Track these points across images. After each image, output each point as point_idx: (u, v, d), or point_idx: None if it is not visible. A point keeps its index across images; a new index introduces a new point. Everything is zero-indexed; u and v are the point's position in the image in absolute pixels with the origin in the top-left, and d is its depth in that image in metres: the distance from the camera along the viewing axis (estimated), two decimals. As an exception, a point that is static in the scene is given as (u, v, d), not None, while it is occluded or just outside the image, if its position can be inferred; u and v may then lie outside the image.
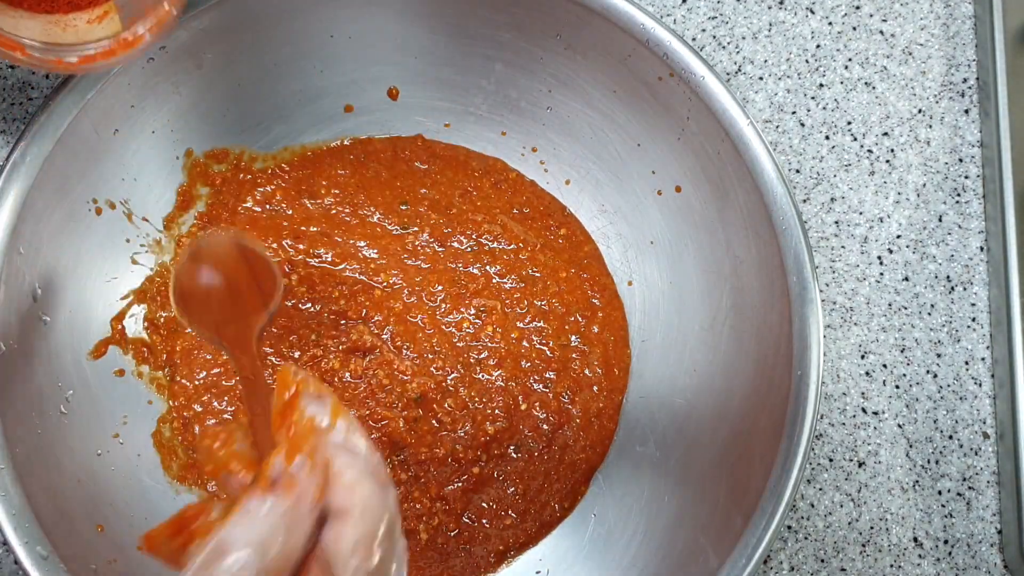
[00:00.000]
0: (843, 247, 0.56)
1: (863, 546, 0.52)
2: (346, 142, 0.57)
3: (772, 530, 0.43)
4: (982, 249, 0.56)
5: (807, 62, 0.58)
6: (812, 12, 0.59)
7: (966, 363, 0.55)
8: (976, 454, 0.54)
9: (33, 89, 0.53)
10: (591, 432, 0.54)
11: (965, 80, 0.58)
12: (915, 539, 0.52)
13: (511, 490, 0.52)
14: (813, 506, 0.53)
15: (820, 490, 0.53)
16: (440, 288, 0.54)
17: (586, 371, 0.55)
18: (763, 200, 0.47)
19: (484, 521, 0.52)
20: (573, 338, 0.55)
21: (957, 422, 0.54)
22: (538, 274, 0.56)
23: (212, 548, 0.29)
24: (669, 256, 0.55)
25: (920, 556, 0.52)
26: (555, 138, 0.57)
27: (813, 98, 0.58)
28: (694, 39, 0.58)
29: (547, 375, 0.54)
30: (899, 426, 0.54)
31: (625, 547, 0.51)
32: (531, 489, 0.52)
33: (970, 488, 0.53)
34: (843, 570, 0.52)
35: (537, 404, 0.53)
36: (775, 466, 0.44)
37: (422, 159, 0.57)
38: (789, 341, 0.46)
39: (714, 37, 0.58)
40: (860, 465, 0.53)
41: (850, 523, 0.52)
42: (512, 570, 0.52)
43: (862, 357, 0.55)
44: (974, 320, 0.55)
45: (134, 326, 0.52)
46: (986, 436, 0.54)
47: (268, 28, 0.51)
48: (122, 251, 0.52)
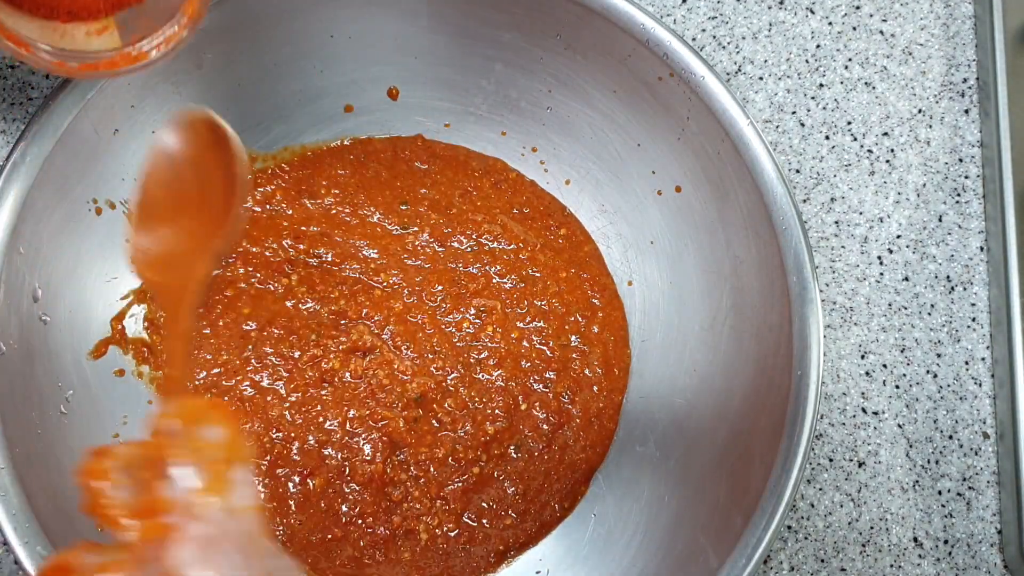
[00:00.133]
0: (843, 247, 0.56)
1: (863, 546, 0.52)
2: (346, 142, 0.57)
3: (772, 530, 0.43)
4: (982, 249, 0.56)
5: (807, 62, 0.58)
6: (812, 12, 0.59)
7: (966, 363, 0.55)
8: (976, 454, 0.53)
9: (33, 89, 0.53)
10: (591, 432, 0.54)
11: (965, 80, 0.58)
12: (915, 539, 0.52)
13: (511, 490, 0.52)
14: (813, 506, 0.53)
15: (820, 490, 0.53)
16: (440, 288, 0.54)
17: (586, 371, 0.55)
18: (763, 200, 0.47)
19: (484, 521, 0.52)
20: (573, 338, 0.55)
21: (957, 422, 0.54)
22: (538, 274, 0.56)
23: None
24: (669, 256, 0.55)
25: (920, 556, 0.52)
26: (555, 138, 0.57)
27: (813, 98, 0.58)
28: (694, 39, 0.58)
29: (547, 375, 0.54)
30: (899, 426, 0.54)
31: (625, 547, 0.51)
32: (531, 489, 0.52)
33: (970, 488, 0.53)
34: (843, 570, 0.52)
35: (537, 404, 0.53)
36: (775, 466, 0.44)
37: (422, 159, 0.57)
38: (789, 341, 0.46)
39: (714, 37, 0.58)
40: (860, 465, 0.53)
41: (850, 523, 0.52)
42: (512, 570, 0.52)
43: (862, 357, 0.55)
44: (974, 320, 0.55)
45: (134, 326, 0.52)
46: (986, 436, 0.54)
47: (268, 28, 0.51)
48: (122, 251, 0.52)
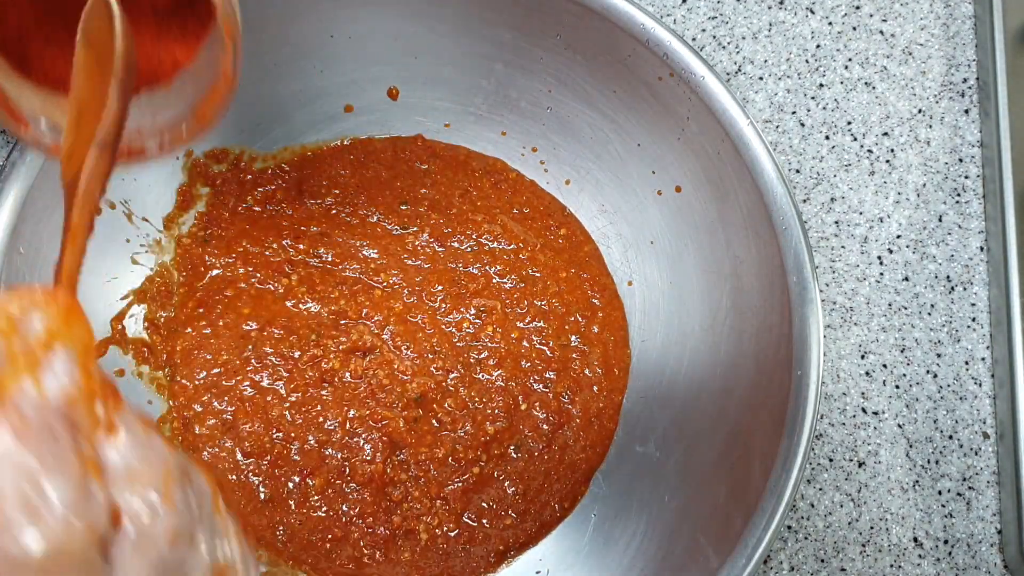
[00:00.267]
0: (843, 247, 0.56)
1: (863, 546, 0.52)
2: (346, 142, 0.57)
3: (772, 530, 0.43)
4: (982, 249, 0.56)
5: (807, 62, 0.58)
6: (812, 12, 0.59)
7: (966, 363, 0.55)
8: (976, 454, 0.53)
9: (33, 89, 0.53)
10: (591, 432, 0.54)
11: (965, 80, 0.58)
12: (915, 539, 0.52)
13: (511, 490, 0.52)
14: (813, 506, 0.53)
15: (820, 490, 0.53)
16: (440, 288, 0.54)
17: (586, 371, 0.55)
18: (763, 200, 0.47)
19: (484, 521, 0.52)
20: (573, 338, 0.55)
21: (957, 422, 0.54)
22: (538, 274, 0.56)
23: None
24: (669, 256, 0.55)
25: (920, 556, 0.52)
26: (555, 138, 0.57)
27: (813, 98, 0.58)
28: (694, 39, 0.58)
29: (547, 375, 0.54)
30: (899, 426, 0.54)
31: (625, 547, 0.51)
32: (531, 489, 0.52)
33: (970, 488, 0.53)
34: (843, 570, 0.52)
35: (537, 404, 0.53)
36: (775, 466, 0.44)
37: (422, 159, 0.57)
38: (789, 341, 0.46)
39: (714, 37, 0.58)
40: (860, 465, 0.53)
41: (850, 523, 0.52)
42: (512, 570, 0.52)
43: (862, 357, 0.55)
44: (974, 320, 0.55)
45: (134, 326, 0.52)
46: (986, 436, 0.54)
47: (268, 28, 0.51)
48: (122, 251, 0.52)
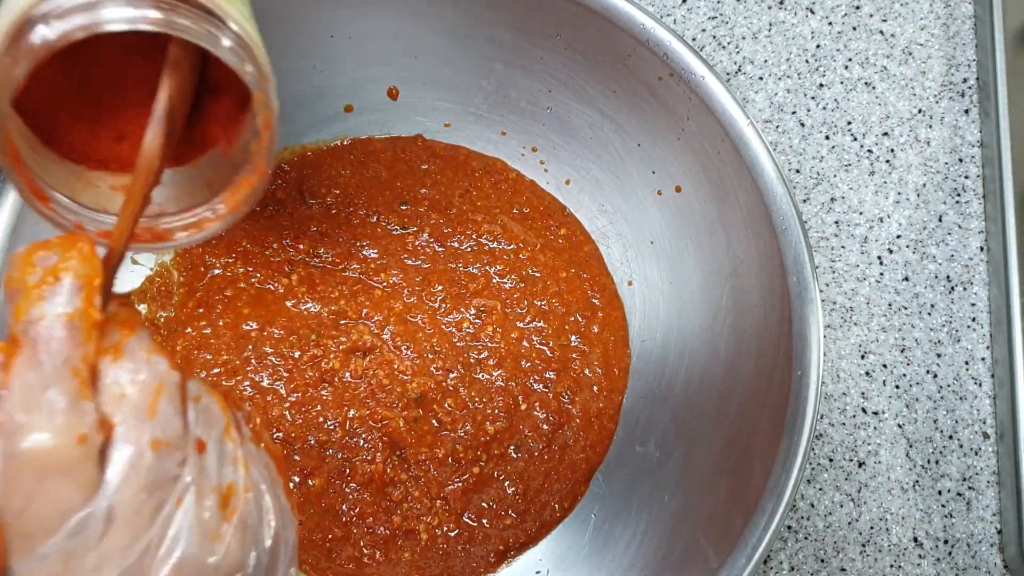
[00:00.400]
0: (843, 247, 0.56)
1: (863, 546, 0.52)
2: (346, 142, 0.57)
3: (772, 530, 0.43)
4: (982, 249, 0.56)
5: (807, 62, 0.58)
6: (812, 12, 0.59)
7: (966, 363, 0.55)
8: (976, 454, 0.53)
9: (33, 89, 0.53)
10: (591, 432, 0.54)
11: (965, 80, 0.58)
12: (915, 539, 0.52)
13: (511, 490, 0.52)
14: (813, 506, 0.53)
15: (820, 490, 0.53)
16: (440, 288, 0.54)
17: (586, 371, 0.55)
18: (763, 200, 0.47)
19: (484, 521, 0.52)
20: (573, 338, 0.55)
21: (957, 422, 0.54)
22: (538, 274, 0.56)
23: None
24: (669, 256, 0.55)
25: (920, 556, 0.52)
26: (555, 138, 0.57)
27: (813, 98, 0.58)
28: (694, 39, 0.58)
29: (547, 375, 0.54)
30: (899, 426, 0.54)
31: (625, 547, 0.51)
32: (531, 489, 0.52)
33: (970, 488, 0.53)
34: (843, 570, 0.52)
35: (537, 404, 0.53)
36: (775, 466, 0.44)
37: (422, 159, 0.57)
38: (789, 341, 0.46)
39: (714, 37, 0.58)
40: (860, 465, 0.53)
41: (850, 523, 0.52)
42: (512, 570, 0.52)
43: (862, 357, 0.55)
44: (974, 320, 0.55)
45: (134, 326, 0.52)
46: (986, 436, 0.54)
47: (268, 28, 0.51)
48: (122, 251, 0.52)
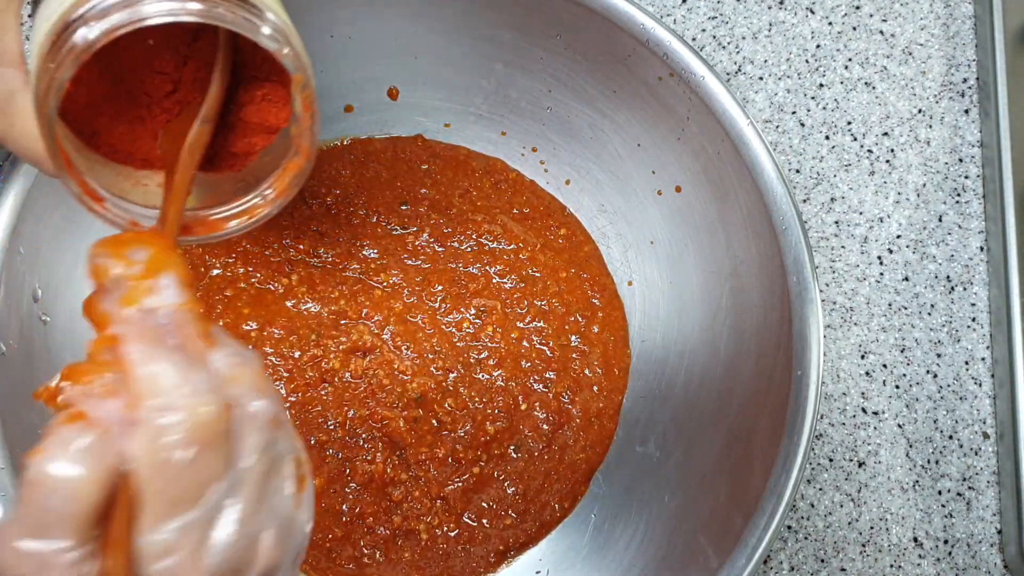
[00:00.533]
0: (843, 247, 0.56)
1: (863, 546, 0.52)
2: (346, 142, 0.57)
3: (772, 530, 0.43)
4: (982, 249, 0.56)
5: (807, 62, 0.58)
6: (812, 12, 0.59)
7: (966, 363, 0.55)
8: (976, 454, 0.53)
9: (33, 89, 0.53)
10: (591, 432, 0.54)
11: (965, 80, 0.58)
12: (915, 539, 0.52)
13: (511, 490, 0.52)
14: (813, 506, 0.53)
15: (820, 490, 0.53)
16: (440, 288, 0.54)
17: (586, 371, 0.55)
18: (763, 200, 0.47)
19: (484, 521, 0.52)
20: (573, 338, 0.55)
21: (957, 422, 0.54)
22: (538, 274, 0.56)
23: (27, 477, 0.25)
24: (669, 256, 0.55)
25: (920, 556, 0.52)
26: (555, 138, 0.56)
27: (813, 98, 0.58)
28: (694, 39, 0.58)
29: (547, 375, 0.54)
30: (899, 426, 0.54)
31: (625, 547, 0.51)
32: (531, 489, 0.52)
33: (970, 488, 0.53)
34: (843, 570, 0.52)
35: (537, 404, 0.53)
36: (775, 466, 0.44)
37: (422, 159, 0.57)
38: (789, 341, 0.46)
39: (714, 37, 0.58)
40: (860, 465, 0.53)
41: (850, 523, 0.52)
42: (512, 570, 0.52)
43: (862, 357, 0.55)
44: (974, 320, 0.55)
45: (134, 326, 0.52)
46: (986, 436, 0.54)
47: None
48: (122, 251, 0.52)
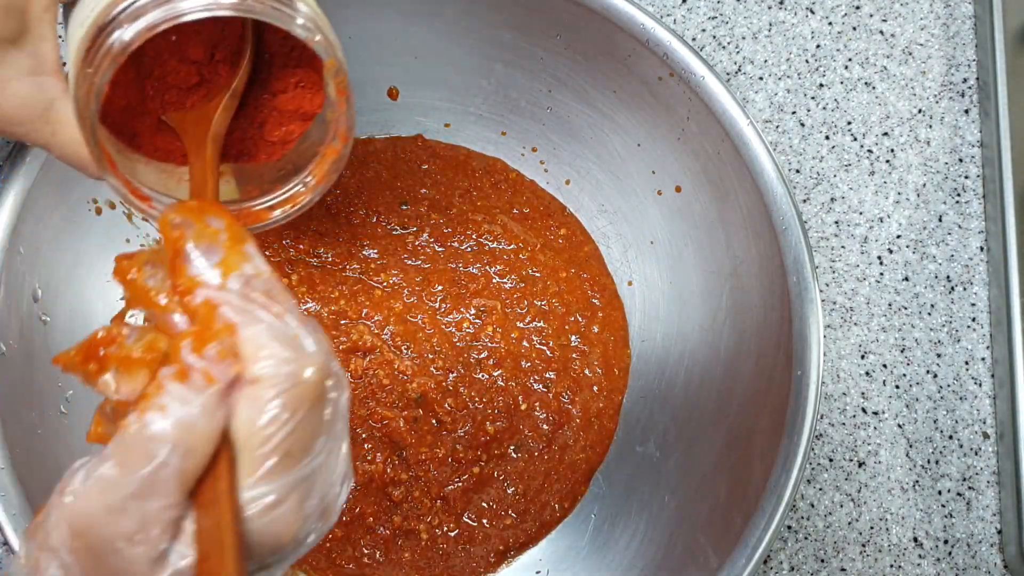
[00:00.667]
0: (843, 247, 0.56)
1: (863, 546, 0.52)
2: (346, 142, 0.57)
3: (772, 530, 0.43)
4: (982, 249, 0.56)
5: (807, 62, 0.58)
6: (812, 12, 0.59)
7: (966, 363, 0.55)
8: (976, 454, 0.53)
9: (33, 89, 0.53)
10: (591, 432, 0.54)
11: (965, 80, 0.58)
12: (915, 539, 0.52)
13: (511, 490, 0.52)
14: (813, 506, 0.53)
15: (820, 490, 0.53)
16: (440, 288, 0.54)
17: (586, 371, 0.55)
18: (763, 200, 0.47)
19: (484, 521, 0.52)
20: (573, 338, 0.55)
21: (957, 422, 0.54)
22: (538, 274, 0.56)
23: (133, 434, 0.26)
24: (669, 256, 0.55)
25: (920, 556, 0.52)
26: (555, 138, 0.56)
27: (813, 98, 0.58)
28: (694, 39, 0.58)
29: (547, 375, 0.54)
30: (899, 426, 0.54)
31: (625, 547, 0.51)
32: (531, 489, 0.52)
33: (970, 488, 0.53)
34: (843, 570, 0.52)
35: (537, 404, 0.53)
36: (775, 466, 0.44)
37: (422, 159, 0.57)
38: (789, 341, 0.46)
39: (714, 37, 0.58)
40: (860, 465, 0.53)
41: (850, 523, 0.52)
42: (512, 570, 0.52)
43: (862, 357, 0.55)
44: (974, 320, 0.55)
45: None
46: (986, 436, 0.54)
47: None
48: (122, 251, 0.52)
